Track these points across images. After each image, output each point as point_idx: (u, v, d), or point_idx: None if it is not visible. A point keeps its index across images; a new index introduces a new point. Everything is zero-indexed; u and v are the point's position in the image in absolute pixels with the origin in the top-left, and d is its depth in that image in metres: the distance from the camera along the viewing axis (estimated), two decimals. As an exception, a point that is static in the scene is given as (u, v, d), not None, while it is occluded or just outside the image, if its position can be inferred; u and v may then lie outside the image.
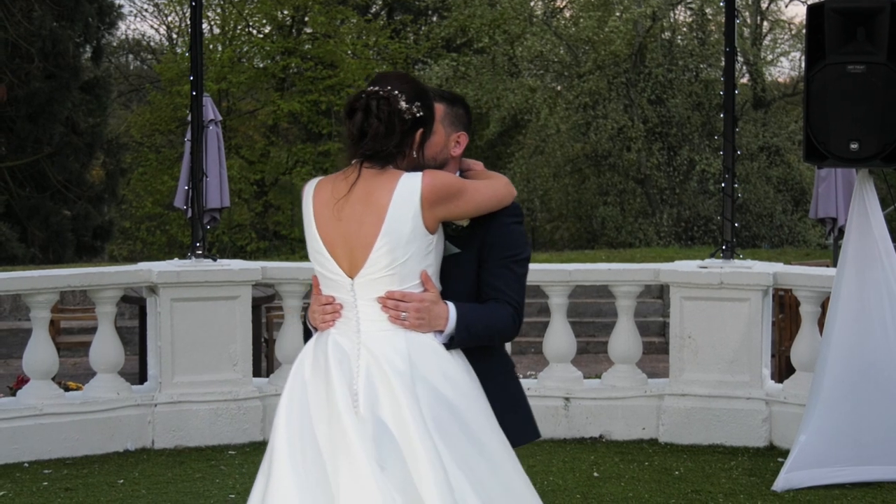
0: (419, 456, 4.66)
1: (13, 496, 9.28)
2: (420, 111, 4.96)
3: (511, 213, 5.16)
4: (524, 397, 5.39)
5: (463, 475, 4.73)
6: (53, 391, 10.67)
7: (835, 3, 9.39)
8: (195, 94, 11.55)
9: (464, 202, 4.97)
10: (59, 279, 10.86)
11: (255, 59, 39.00)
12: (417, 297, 4.91)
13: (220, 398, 10.92)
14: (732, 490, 9.38)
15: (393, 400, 4.75)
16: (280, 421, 4.90)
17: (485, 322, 5.06)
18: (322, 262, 4.99)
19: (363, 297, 4.92)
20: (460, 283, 5.10)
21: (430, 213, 4.87)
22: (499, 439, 4.93)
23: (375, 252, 4.86)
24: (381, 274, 4.88)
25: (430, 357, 4.89)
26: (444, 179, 4.94)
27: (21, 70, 27.50)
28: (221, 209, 15.15)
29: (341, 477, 4.67)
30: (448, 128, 5.21)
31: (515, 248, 5.15)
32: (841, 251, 9.65)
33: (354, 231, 4.88)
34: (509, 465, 4.93)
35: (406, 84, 4.99)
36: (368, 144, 4.88)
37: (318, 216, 4.98)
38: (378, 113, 4.88)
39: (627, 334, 11.21)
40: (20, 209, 28.11)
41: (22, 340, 11.66)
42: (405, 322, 4.89)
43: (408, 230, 4.85)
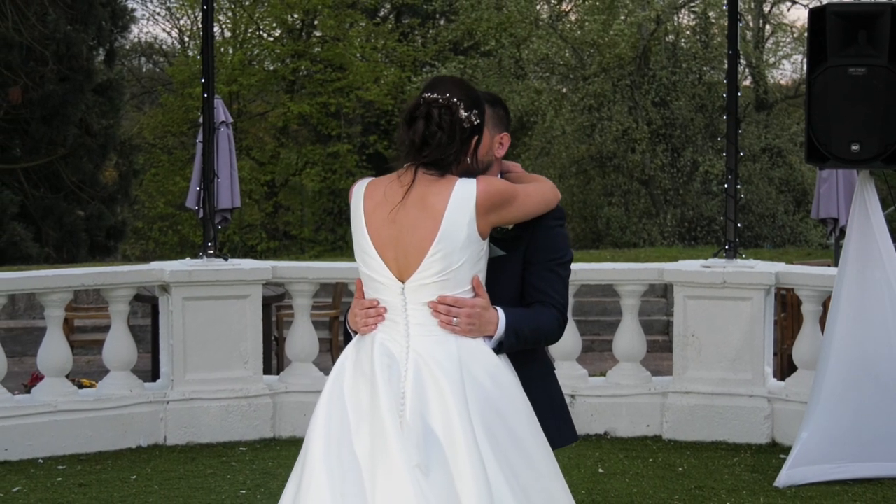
0: (462, 462, 4.60)
1: (28, 492, 9.29)
2: (477, 119, 4.93)
3: (555, 216, 5.15)
4: (564, 400, 5.37)
5: (505, 481, 4.69)
6: (67, 388, 10.68)
7: (836, 7, 9.39)
8: (207, 97, 11.56)
9: (515, 208, 4.93)
10: (73, 278, 10.87)
11: (266, 62, 39.02)
12: (469, 303, 4.86)
13: (231, 395, 10.93)
14: (735, 486, 9.37)
15: (442, 402, 4.69)
16: (318, 423, 4.82)
17: (532, 326, 5.03)
18: (370, 264, 4.92)
19: (413, 302, 4.86)
20: (505, 286, 5.07)
21: (483, 220, 4.84)
22: (542, 445, 4.89)
23: (430, 257, 4.81)
24: (434, 279, 4.83)
25: (481, 361, 4.84)
26: (498, 186, 4.90)
27: (35, 73, 27.51)
28: (232, 209, 15.14)
29: (378, 482, 4.61)
30: (492, 130, 5.15)
31: (559, 251, 5.14)
32: (842, 251, 9.65)
33: (408, 235, 4.83)
34: (551, 472, 4.90)
35: (464, 91, 4.94)
36: (431, 153, 4.83)
37: (370, 218, 4.91)
38: (440, 122, 4.83)
39: (632, 333, 11.21)
40: (35, 209, 28.12)
41: (36, 338, 11.67)
42: (457, 328, 4.84)
43: (463, 236, 4.81)
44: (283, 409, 11.05)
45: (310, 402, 4.85)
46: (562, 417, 5.32)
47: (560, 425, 5.28)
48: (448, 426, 4.65)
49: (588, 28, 34.28)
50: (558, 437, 5.21)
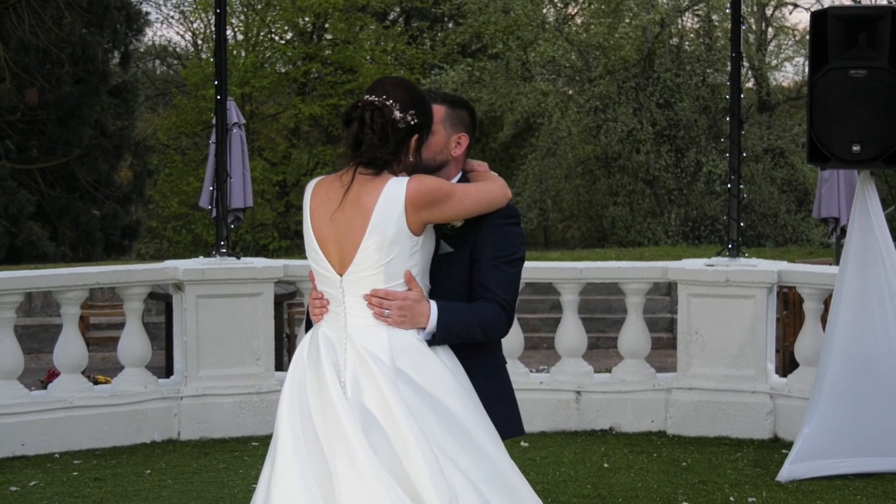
0: (408, 441, 4.72)
1: (44, 486, 9.31)
2: (415, 118, 5.00)
3: (505, 214, 5.16)
4: (511, 393, 5.39)
5: (444, 454, 4.78)
6: (83, 384, 10.69)
7: (837, 10, 9.39)
8: (219, 98, 11.57)
9: (450, 206, 5.00)
10: (89, 277, 10.89)
11: (278, 65, 39.05)
12: (401, 296, 4.96)
13: (243, 391, 10.94)
14: (738, 481, 9.37)
15: (377, 391, 4.81)
16: (283, 409, 4.98)
17: (467, 321, 5.07)
18: (315, 259, 5.08)
19: (350, 294, 4.99)
20: (453, 282, 5.14)
21: (414, 217, 4.92)
22: (484, 428, 4.96)
23: (362, 251, 4.93)
24: (368, 272, 4.95)
25: (410, 353, 4.94)
26: (430, 185, 4.97)
27: (52, 75, 27.55)
28: (245, 209, 15.15)
29: (339, 461, 4.73)
30: (449, 129, 5.22)
31: (507, 249, 5.15)
32: (843, 250, 9.64)
33: (344, 231, 4.96)
34: (493, 450, 4.95)
35: (402, 92, 5.02)
36: (364, 153, 4.95)
37: (314, 215, 5.07)
38: (372, 124, 4.94)
39: (636, 330, 11.21)
40: (51, 209, 28.16)
41: (53, 335, 11.69)
42: (388, 319, 4.95)
43: (392, 232, 4.90)
44: (294, 405, 11.04)
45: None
46: (509, 409, 5.35)
47: (508, 417, 5.32)
48: (386, 410, 4.78)
49: (593, 31, 34.26)
50: (506, 429, 5.22)
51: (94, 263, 22.99)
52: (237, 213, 14.77)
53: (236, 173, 13.57)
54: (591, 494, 8.98)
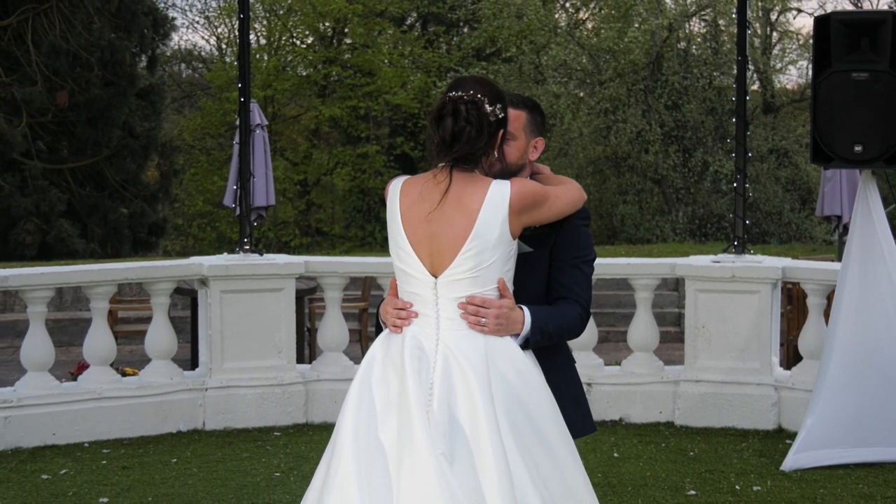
0: (486, 453, 4.55)
1: (74, 474, 9.32)
2: (501, 112, 4.88)
3: (581, 215, 5.12)
4: (583, 391, 5.34)
5: (527, 473, 4.65)
6: (111, 376, 10.71)
7: (840, 15, 9.38)
8: (243, 101, 11.58)
9: (546, 209, 4.90)
10: (117, 272, 10.91)
11: (299, 68, 39.05)
12: (496, 304, 4.81)
13: (266, 383, 10.95)
14: (744, 470, 9.36)
15: (468, 395, 4.65)
16: (348, 410, 4.78)
17: (557, 323, 5.00)
18: (404, 259, 4.87)
19: (444, 296, 4.82)
20: (533, 282, 5.05)
21: (516, 220, 4.80)
22: (565, 439, 4.85)
23: (463, 254, 4.77)
24: (465, 276, 4.79)
25: (507, 356, 4.79)
26: (531, 188, 4.87)
27: (81, 78, 27.58)
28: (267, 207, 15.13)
29: (403, 469, 4.57)
30: (528, 134, 5.14)
31: (584, 249, 5.11)
32: (845, 247, 9.63)
33: (443, 232, 4.78)
34: (572, 463, 4.85)
35: (486, 87, 4.90)
36: (461, 147, 4.78)
37: (405, 215, 4.86)
38: (468, 117, 4.78)
39: (645, 324, 11.21)
40: (81, 207, 28.21)
41: (82, 329, 11.71)
42: (485, 328, 4.79)
43: (496, 235, 4.77)
44: (315, 396, 11.07)
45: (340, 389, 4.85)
46: (583, 408, 5.28)
47: (581, 416, 5.25)
48: (473, 419, 4.61)
49: (604, 35, 34.24)
50: (579, 428, 5.17)
51: (122, 260, 23.03)
52: (260, 211, 14.76)
53: (259, 173, 13.56)
54: (602, 483, 8.98)
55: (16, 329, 16.86)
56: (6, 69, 26.97)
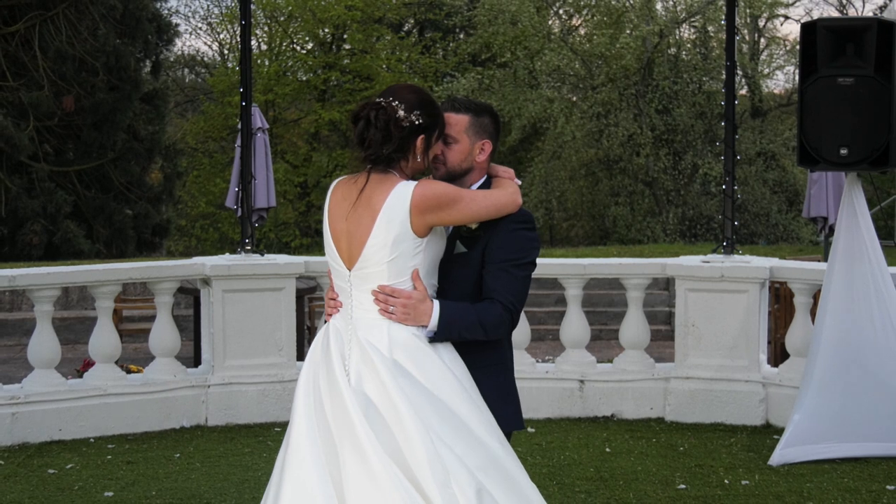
0: (407, 426, 4.72)
1: (80, 468, 9.32)
2: (420, 119, 4.98)
3: (518, 219, 5.12)
4: (513, 389, 5.33)
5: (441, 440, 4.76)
6: (116, 373, 10.71)
7: (826, 21, 9.38)
8: (244, 105, 11.57)
9: (456, 211, 4.97)
10: (122, 272, 10.90)
11: (299, 73, 39.07)
12: (405, 294, 4.95)
13: (266, 380, 10.94)
14: (732, 464, 9.36)
15: (378, 381, 4.82)
16: (299, 396, 4.99)
17: (469, 320, 5.02)
18: (329, 253, 5.11)
19: (357, 288, 5.01)
20: (463, 280, 5.11)
21: (418, 219, 4.91)
22: (479, 418, 4.91)
23: (367, 248, 4.94)
24: (373, 269, 4.96)
25: (407, 348, 4.93)
26: (436, 190, 4.95)
27: (87, 83, 27.58)
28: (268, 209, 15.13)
29: (345, 446, 4.75)
30: (473, 137, 5.18)
31: (518, 252, 5.10)
32: (832, 247, 9.63)
33: (354, 228, 4.97)
34: (487, 437, 4.89)
35: (409, 94, 5.02)
36: (368, 150, 4.97)
37: (331, 213, 5.09)
38: (375, 122, 4.95)
39: (637, 323, 11.21)
40: (86, 209, 28.20)
41: (88, 327, 11.71)
42: (392, 315, 4.95)
43: (395, 232, 4.90)
44: (314, 393, 11.05)
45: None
46: (509, 404, 5.28)
47: (510, 413, 5.26)
48: (386, 398, 4.79)
49: (596, 41, 34.26)
50: (505, 423, 5.16)
51: (126, 260, 23.03)
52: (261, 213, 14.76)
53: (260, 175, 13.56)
54: (594, 477, 8.98)
55: (23, 327, 16.86)
56: (14, 74, 26.95)
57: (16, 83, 26.83)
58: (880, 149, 9.07)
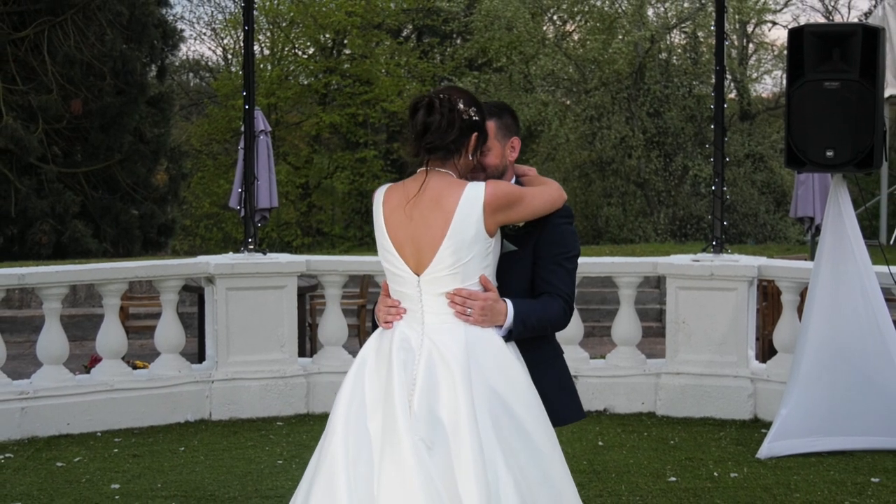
0: (463, 441, 4.60)
1: (87, 461, 9.32)
2: (476, 115, 4.93)
3: (562, 214, 5.12)
4: (572, 381, 5.36)
5: (504, 460, 4.66)
6: (123, 369, 10.71)
7: (813, 27, 9.39)
8: (248, 108, 11.57)
9: (521, 208, 4.92)
10: (128, 271, 10.90)
11: (301, 77, 39.02)
12: (482, 296, 4.87)
13: (269, 375, 10.94)
14: (721, 457, 9.36)
15: (450, 387, 4.69)
16: (341, 402, 4.87)
17: (539, 315, 5.02)
18: (391, 261, 4.94)
19: (428, 293, 4.87)
20: (517, 278, 5.07)
21: (491, 219, 4.83)
22: (543, 427, 4.85)
23: (441, 252, 4.82)
24: (446, 272, 4.84)
25: (487, 349, 4.83)
26: (505, 189, 4.90)
27: (95, 87, 27.56)
28: (270, 209, 15.16)
29: (385, 456, 4.64)
30: (502, 139, 5.16)
31: (566, 246, 5.12)
32: (818, 247, 9.64)
33: (422, 233, 4.84)
34: (550, 451, 4.84)
35: (463, 93, 4.97)
36: (430, 137, 4.84)
37: (388, 219, 4.93)
38: (441, 109, 4.84)
39: (628, 320, 11.21)
40: (94, 209, 28.17)
41: (95, 324, 11.70)
42: (470, 318, 4.85)
43: (471, 234, 4.81)
44: (315, 388, 11.06)
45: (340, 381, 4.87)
46: (570, 396, 5.30)
47: (568, 403, 5.26)
48: (454, 411, 4.65)
49: (589, 46, 34.25)
50: (567, 414, 5.20)
51: (133, 259, 23.01)
52: (263, 213, 14.78)
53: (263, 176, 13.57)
54: (587, 470, 8.98)
55: (32, 324, 16.85)
56: (23, 78, 26.94)
57: (25, 87, 26.81)
58: (865, 151, 9.08)
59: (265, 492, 8.45)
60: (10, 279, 10.38)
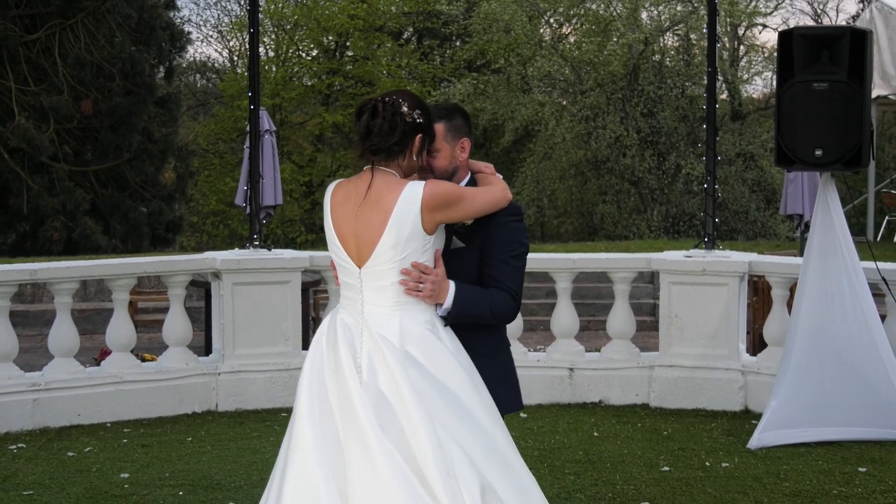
0: (414, 420, 4.69)
1: (97, 451, 9.32)
2: (420, 118, 4.97)
3: (509, 212, 5.14)
4: (514, 373, 5.36)
5: (447, 433, 4.73)
6: (132, 362, 10.71)
7: (802, 30, 9.38)
8: (253, 108, 11.57)
9: (461, 208, 4.97)
10: (137, 266, 10.90)
11: (304, 78, 39.04)
12: (434, 273, 4.94)
13: (274, 368, 10.94)
14: (713, 448, 9.36)
15: (389, 374, 4.78)
16: (302, 386, 4.96)
17: (482, 302, 5.05)
18: (336, 252, 5.05)
19: (368, 285, 4.97)
20: (463, 275, 5.10)
21: (428, 217, 4.89)
22: (483, 406, 4.90)
23: (380, 247, 4.90)
24: (384, 266, 4.92)
25: (418, 339, 4.89)
26: (443, 189, 4.94)
27: (104, 88, 27.57)
28: (275, 206, 15.16)
29: (350, 438, 4.72)
30: (451, 141, 5.17)
31: (512, 244, 5.13)
32: (807, 243, 9.63)
33: (363, 228, 4.92)
34: (491, 427, 4.89)
35: (409, 96, 5.02)
36: (373, 140, 4.91)
37: (334, 213, 5.03)
38: (383, 112, 4.91)
39: (623, 314, 11.21)
40: (103, 206, 28.18)
41: (105, 318, 11.70)
42: (420, 293, 4.92)
43: (408, 231, 4.88)
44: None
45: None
46: (512, 388, 5.32)
47: (510, 395, 5.30)
48: (395, 389, 4.74)
49: (585, 48, 34.23)
50: (507, 405, 5.21)
51: (141, 255, 23.01)
52: (268, 210, 14.78)
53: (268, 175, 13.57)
54: (583, 460, 8.98)
55: (44, 318, 16.86)
56: (35, 79, 26.94)
57: (37, 88, 26.82)
58: (853, 150, 9.08)
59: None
60: (23, 274, 10.39)
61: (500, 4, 34.26)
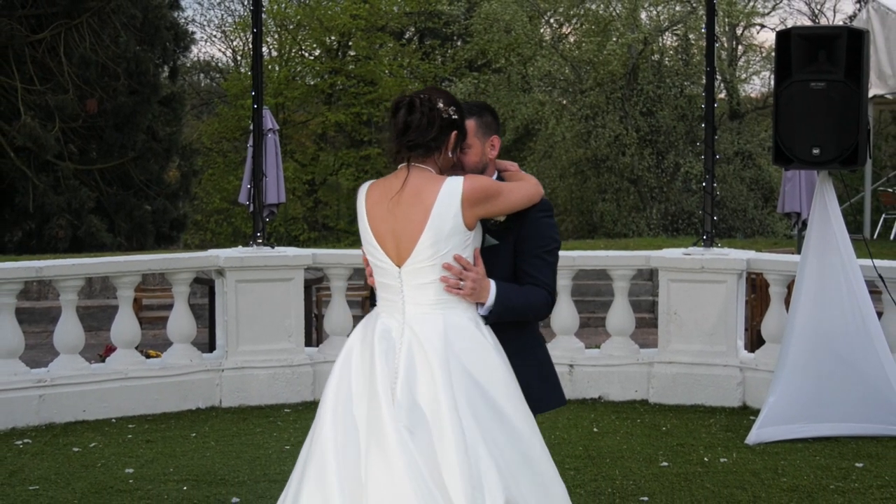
0: (444, 426, 4.61)
1: (102, 447, 9.32)
2: (455, 114, 4.93)
3: (541, 208, 5.12)
4: (552, 369, 5.33)
5: (483, 443, 4.65)
6: (136, 358, 10.71)
7: (800, 30, 9.38)
8: (256, 107, 11.56)
9: (499, 202, 4.93)
10: (142, 264, 10.90)
11: (307, 78, 39.05)
12: (476, 270, 4.89)
13: (277, 364, 10.94)
14: (711, 443, 9.36)
15: (429, 376, 4.69)
16: (329, 390, 4.89)
17: (521, 300, 5.02)
18: (373, 253, 4.95)
19: (408, 284, 4.88)
20: (500, 272, 5.06)
21: (469, 212, 4.83)
22: (521, 412, 4.83)
23: (420, 244, 4.82)
24: (425, 264, 4.84)
25: (464, 337, 4.82)
26: (482, 183, 4.89)
27: (109, 87, 27.56)
28: (278, 204, 15.17)
29: (371, 443, 4.64)
30: (482, 138, 5.15)
31: (545, 239, 5.11)
32: (804, 241, 9.63)
33: (403, 226, 4.84)
34: (528, 435, 4.83)
35: (442, 93, 4.98)
36: (411, 135, 4.84)
37: (371, 214, 4.93)
38: (421, 108, 4.85)
39: (622, 311, 11.20)
40: (108, 205, 28.18)
41: (110, 315, 11.70)
42: (461, 291, 4.86)
43: (449, 226, 4.81)
44: (321, 376, 11.05)
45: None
46: (550, 384, 5.29)
47: (548, 391, 5.27)
48: (433, 399, 4.66)
49: (585, 48, 34.23)
50: (546, 401, 5.20)
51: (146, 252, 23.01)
52: (271, 208, 14.79)
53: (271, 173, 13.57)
54: (583, 455, 8.98)
55: (49, 315, 16.86)
56: (41, 79, 26.95)
57: (43, 87, 26.82)
58: (850, 149, 9.07)
59: (273, 476, 8.45)
60: (29, 272, 10.38)
61: (501, 5, 34.25)
